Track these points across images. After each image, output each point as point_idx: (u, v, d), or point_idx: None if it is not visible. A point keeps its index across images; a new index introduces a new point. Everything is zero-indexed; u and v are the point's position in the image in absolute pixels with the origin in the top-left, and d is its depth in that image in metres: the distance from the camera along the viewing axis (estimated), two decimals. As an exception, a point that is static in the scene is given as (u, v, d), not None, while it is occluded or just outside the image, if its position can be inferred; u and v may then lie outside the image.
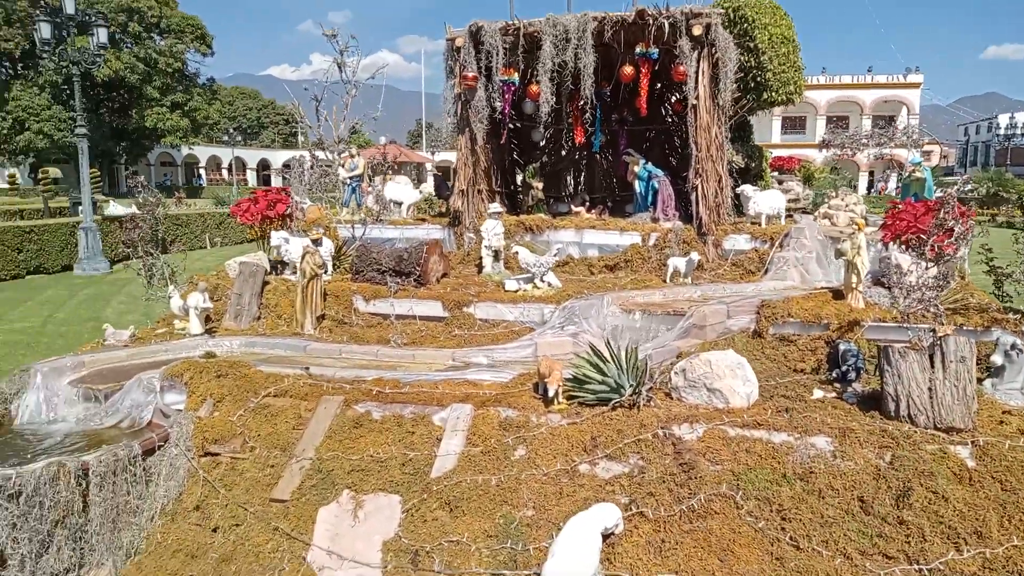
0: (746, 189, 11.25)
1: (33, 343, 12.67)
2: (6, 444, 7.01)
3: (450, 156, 66.84)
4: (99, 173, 40.64)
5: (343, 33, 12.94)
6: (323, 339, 8.85)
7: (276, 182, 70.89)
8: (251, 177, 73.50)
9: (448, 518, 5.78)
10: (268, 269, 10.22)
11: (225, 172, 71.86)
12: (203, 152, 70.53)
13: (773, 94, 12.83)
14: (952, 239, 6.98)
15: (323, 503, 6.06)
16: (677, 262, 9.82)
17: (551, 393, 6.50)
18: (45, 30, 20.37)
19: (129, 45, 48.92)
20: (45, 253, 21.47)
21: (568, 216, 12.36)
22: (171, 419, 6.86)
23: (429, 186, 15.04)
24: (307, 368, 7.53)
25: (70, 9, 20.60)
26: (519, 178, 14.84)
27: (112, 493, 6.13)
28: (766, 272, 9.83)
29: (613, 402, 6.35)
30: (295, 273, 10.01)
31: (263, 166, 76.17)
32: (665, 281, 9.88)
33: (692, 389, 6.48)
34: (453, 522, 5.74)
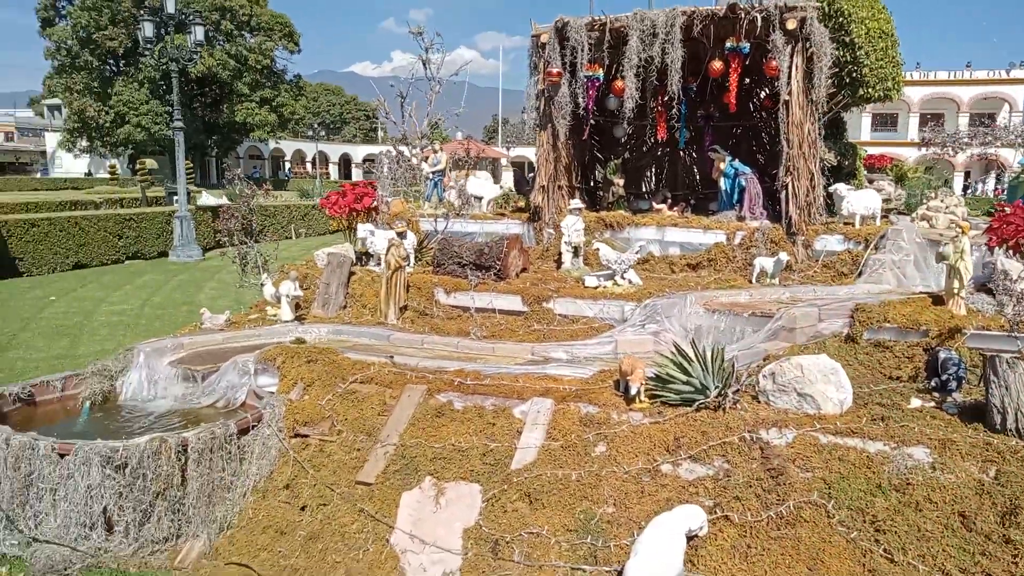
0: (840, 188, 10.84)
1: (133, 324, 13.44)
2: (112, 418, 7.48)
3: (525, 151, 67.04)
4: (192, 165, 42.67)
5: (427, 31, 13.17)
6: (405, 329, 9.04)
7: (357, 175, 72.85)
8: (333, 171, 75.71)
9: (528, 510, 5.82)
10: (354, 260, 10.50)
11: (308, 166, 74.23)
12: (288, 146, 73.13)
13: (869, 90, 12.30)
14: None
15: (406, 488, 6.19)
16: (764, 262, 9.56)
17: (633, 391, 6.45)
18: (148, 29, 21.52)
19: (221, 43, 51.06)
20: (143, 240, 22.72)
21: (649, 213, 12.21)
22: (264, 401, 7.15)
23: (508, 181, 15.11)
24: (391, 356, 7.71)
25: (171, 8, 21.68)
26: (599, 174, 14.74)
27: (208, 469, 6.44)
28: (860, 275, 9.45)
29: (697, 403, 6.24)
30: (379, 264, 10.27)
31: (344, 161, 78.33)
32: (751, 281, 9.64)
33: (781, 393, 6.30)
34: (533, 514, 5.78)
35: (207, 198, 27.77)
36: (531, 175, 12.96)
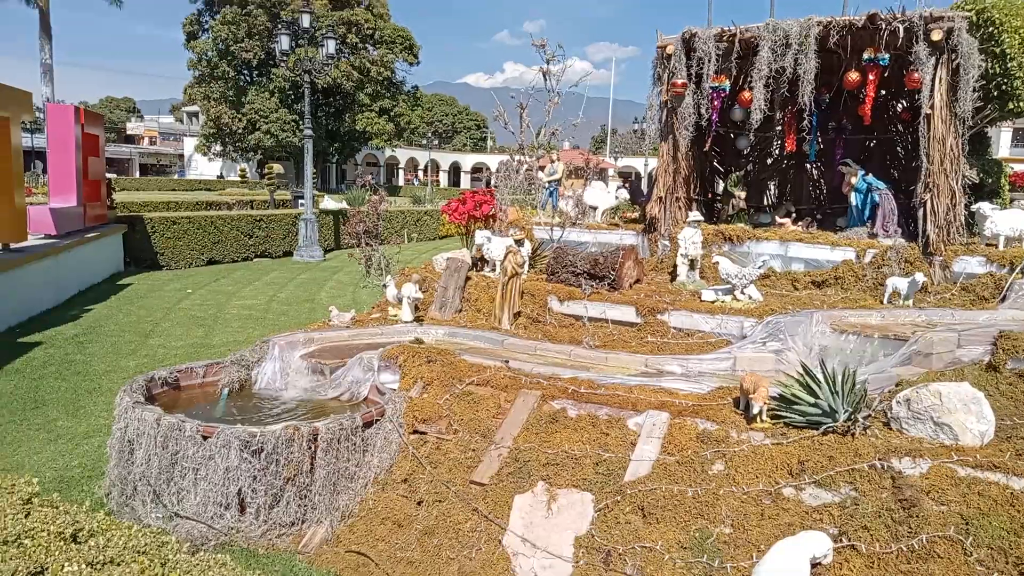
0: (983, 207, 10.14)
1: (261, 318, 14.35)
2: (247, 405, 8.01)
3: (633, 162, 66.44)
4: (315, 170, 45.00)
5: (548, 42, 13.35)
6: (519, 335, 9.19)
7: (465, 183, 74.50)
8: (443, 178, 77.80)
9: (641, 523, 5.78)
10: (470, 265, 10.78)
11: (420, 173, 76.62)
12: (403, 154, 75.82)
13: (1020, 103, 11.42)
14: None
15: (519, 491, 6.29)
16: (898, 282, 9.06)
17: (755, 410, 6.28)
18: (284, 41, 22.95)
19: (347, 55, 53.64)
20: (270, 240, 24.16)
21: (771, 227, 11.84)
22: (386, 396, 7.46)
23: (624, 192, 15.06)
24: (507, 361, 7.86)
25: (306, 23, 23.04)
26: (719, 186, 14.45)
27: (335, 458, 6.77)
28: (1003, 299, 8.80)
29: (824, 427, 6.01)
30: (494, 270, 10.49)
31: (455, 168, 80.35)
32: (882, 302, 9.16)
33: (916, 421, 5.97)
34: (646, 528, 5.74)
35: (329, 202, 29.19)
36: (648, 185, 12.86)
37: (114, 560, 3.29)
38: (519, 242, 10.01)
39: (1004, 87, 11.46)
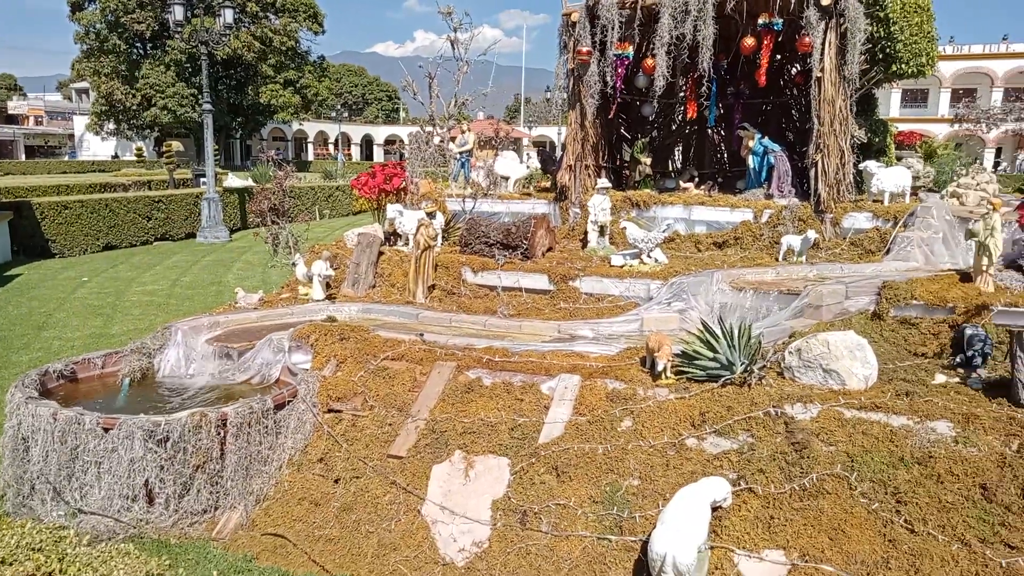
0: (870, 165, 10.74)
1: (163, 304, 13.78)
2: (151, 395, 7.73)
3: (547, 131, 66.69)
4: (218, 147, 43.10)
5: (455, 10, 13.21)
6: (434, 308, 9.20)
7: (378, 156, 73.07)
8: (355, 152, 75.99)
9: (555, 482, 5.98)
10: (383, 240, 10.67)
11: (331, 147, 74.60)
12: (311, 127, 73.45)
13: (903, 66, 12.07)
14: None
15: (436, 461, 6.38)
16: (791, 240, 9.55)
17: (660, 367, 6.55)
18: (178, 12, 21.74)
19: (247, 24, 51.27)
20: (171, 222, 23.11)
21: (676, 192, 12.20)
22: (298, 377, 7.35)
23: (534, 161, 15.16)
24: (422, 334, 7.88)
25: (199, -9, 21.86)
26: (626, 153, 14.72)
27: (246, 443, 6.65)
28: (888, 252, 9.41)
29: (723, 379, 6.33)
30: (407, 244, 10.42)
31: (367, 141, 78.57)
32: (778, 260, 9.63)
33: (807, 369, 6.37)
34: (560, 486, 5.93)
35: (233, 180, 28.10)
36: (560, 154, 12.99)
37: (5, 560, 3.17)
38: (431, 215, 9.97)
39: (888, 50, 12.10)
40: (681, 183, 12.76)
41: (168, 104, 48.70)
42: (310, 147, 74.91)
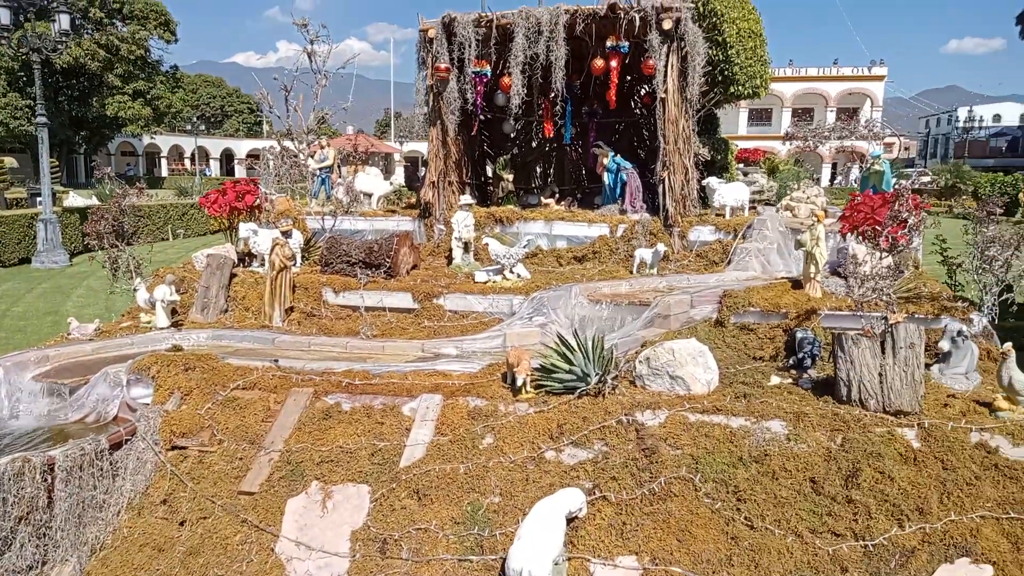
0: (711, 181, 11.46)
1: (-8, 337, 12.46)
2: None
3: (419, 146, 66.44)
4: (58, 163, 39.70)
5: (313, 21, 12.87)
6: (292, 331, 8.87)
7: (240, 172, 69.95)
8: (214, 167, 72.36)
9: (416, 506, 5.89)
10: (236, 261, 10.17)
11: (188, 162, 70.65)
12: (165, 141, 69.19)
13: (740, 88, 13.04)
14: (905, 230, 7.23)
15: (292, 495, 6.11)
16: (644, 253, 9.99)
17: (519, 382, 6.63)
18: (3, 16, 19.83)
19: (90, 31, 47.67)
20: (2, 245, 20.98)
21: (538, 208, 12.47)
22: (138, 413, 6.84)
23: (399, 177, 15.04)
24: (276, 360, 7.55)
25: (28, -6, 20.09)
26: (490, 170, 14.90)
27: (78, 488, 6.10)
28: (729, 263, 10.05)
29: (579, 390, 6.49)
30: (263, 265, 9.99)
31: (227, 156, 75.05)
32: (632, 272, 10.05)
33: (656, 377, 6.65)
34: (421, 510, 5.85)
35: (75, 198, 25.96)
36: (423, 171, 12.95)
37: None
38: (286, 233, 9.61)
39: (727, 73, 13.03)
40: (543, 199, 13.07)
41: (-1, 116, 44.39)
42: (163, 162, 70.53)
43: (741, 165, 16.00)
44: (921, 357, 6.03)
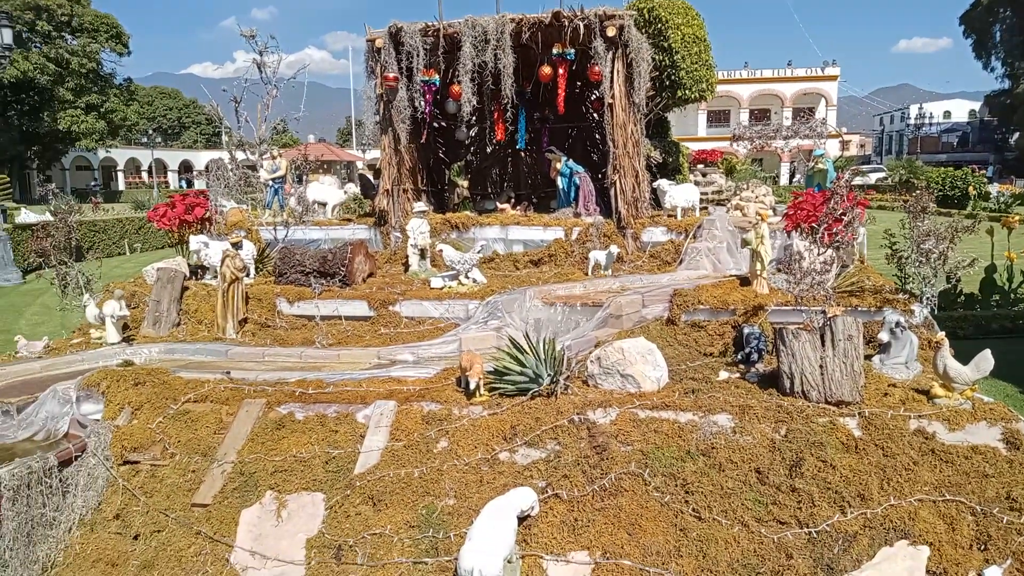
0: (662, 183, 11.68)
1: (-61, 359, 12.12)
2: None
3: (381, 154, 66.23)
4: (9, 179, 38.68)
5: (264, 31, 12.88)
6: (246, 343, 8.81)
7: (199, 184, 68.90)
8: (172, 179, 71.22)
9: (371, 512, 5.91)
10: (187, 274, 10.07)
11: (145, 175, 69.43)
12: (121, 155, 67.97)
13: (687, 91, 13.32)
14: (843, 226, 7.47)
15: (246, 505, 6.09)
16: (598, 255, 10.14)
17: (472, 386, 6.70)
18: (-58, 30, 19.36)
19: (38, 45, 46.71)
20: (-49, 265, 20.44)
21: (494, 213, 12.56)
22: (88, 429, 6.75)
23: (354, 186, 14.99)
24: (228, 372, 7.51)
25: (-31, 8, 19.62)
26: (445, 177, 14.96)
27: (26, 507, 6.01)
28: (681, 262, 10.25)
29: (532, 392, 6.58)
30: (216, 277, 9.91)
31: (185, 167, 73.99)
32: (587, 274, 10.19)
33: (607, 376, 6.77)
34: (376, 516, 5.87)
35: (27, 215, 25.40)
36: (377, 180, 12.97)
37: None
38: (236, 245, 9.55)
39: (673, 77, 13.30)
40: (499, 204, 13.16)
41: (-57, 132, 43.23)
42: (120, 176, 69.21)
43: (700, 166, 16.26)
44: (860, 348, 6.24)
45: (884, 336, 7.05)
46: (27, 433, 7.12)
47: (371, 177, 13.87)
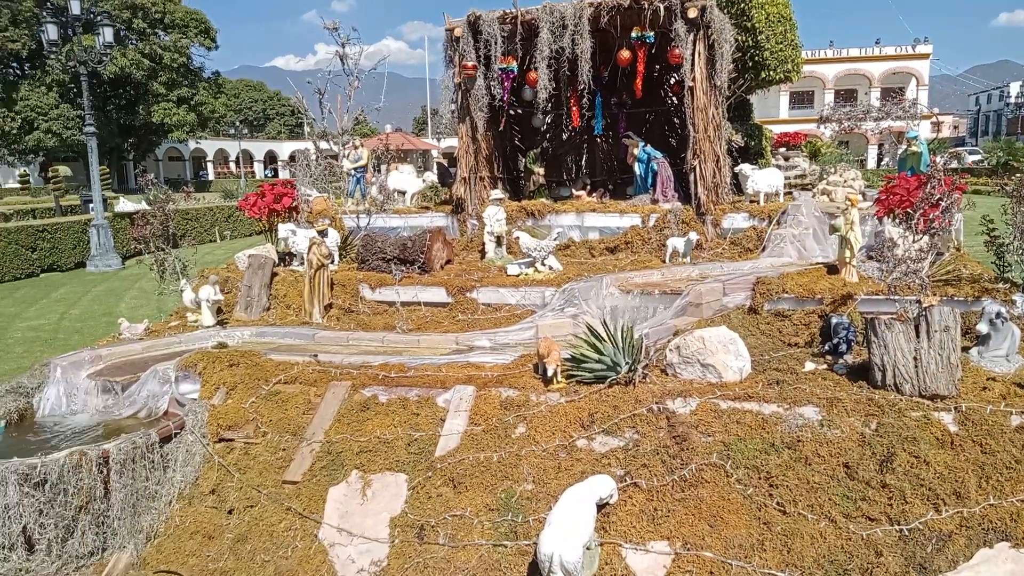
0: (744, 168, 11.36)
1: (50, 339, 13.04)
2: (30, 436, 7.33)
3: (455, 142, 66.85)
4: (108, 170, 41.07)
5: (345, 23, 13.17)
6: (331, 327, 9.11)
7: (283, 174, 71.34)
8: (258, 169, 73.94)
9: (452, 494, 6.04)
10: (276, 261, 10.47)
11: (232, 165, 72.35)
12: (210, 146, 71.03)
13: (771, 73, 12.88)
14: (940, 212, 7.10)
15: (333, 483, 6.33)
16: (676, 242, 9.98)
17: (550, 373, 6.73)
18: (52, 31, 20.64)
19: (134, 42, 49.16)
20: (58, 251, 21.90)
21: (569, 200, 12.52)
22: (186, 408, 7.14)
23: (432, 175, 15.21)
24: (316, 355, 7.79)
25: (76, 9, 20.84)
26: (521, 164, 14.99)
27: (132, 479, 6.42)
28: (763, 250, 9.97)
29: (610, 380, 6.56)
30: (303, 264, 10.27)
31: (270, 158, 76.63)
32: (664, 261, 10.05)
33: (686, 365, 6.68)
34: (457, 498, 6.00)
35: (125, 204, 26.86)
36: (454, 168, 13.13)
37: None
38: (322, 232, 9.86)
39: (757, 59, 12.88)
40: (575, 191, 13.11)
41: (52, 127, 46.08)
42: (210, 166, 72.36)
43: (783, 149, 15.71)
44: (957, 340, 5.94)
45: (983, 327, 6.68)
46: (130, 411, 7.60)
47: (447, 165, 14.04)
